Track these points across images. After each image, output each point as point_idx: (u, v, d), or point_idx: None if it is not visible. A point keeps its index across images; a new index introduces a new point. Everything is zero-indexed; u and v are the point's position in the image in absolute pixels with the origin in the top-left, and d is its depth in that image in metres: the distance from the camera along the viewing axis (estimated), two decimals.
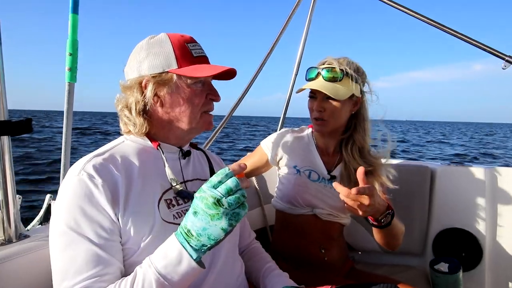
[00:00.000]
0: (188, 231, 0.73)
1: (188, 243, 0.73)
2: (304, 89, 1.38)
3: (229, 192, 0.71)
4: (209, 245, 0.73)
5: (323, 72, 1.34)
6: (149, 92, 0.90)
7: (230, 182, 0.71)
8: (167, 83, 0.91)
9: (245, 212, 0.73)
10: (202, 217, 0.71)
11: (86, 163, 0.82)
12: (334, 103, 1.33)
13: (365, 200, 1.06)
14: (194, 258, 0.74)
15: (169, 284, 0.73)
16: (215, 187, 0.71)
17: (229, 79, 1.03)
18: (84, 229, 0.77)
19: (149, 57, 0.91)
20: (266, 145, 1.56)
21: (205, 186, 0.72)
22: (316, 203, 1.42)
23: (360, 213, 1.10)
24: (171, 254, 0.74)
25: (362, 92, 1.40)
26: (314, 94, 1.37)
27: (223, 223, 0.71)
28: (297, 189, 1.43)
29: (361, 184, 1.08)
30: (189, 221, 0.73)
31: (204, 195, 0.71)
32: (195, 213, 0.72)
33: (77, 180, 0.79)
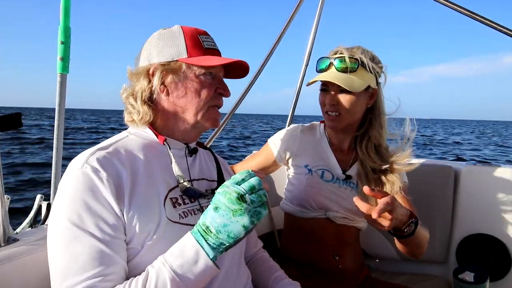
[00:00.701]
0: (207, 227, 0.75)
1: (206, 240, 0.75)
2: (315, 81, 1.35)
3: (252, 190, 0.75)
4: (227, 244, 0.76)
5: (336, 62, 1.30)
6: (156, 79, 0.93)
7: (254, 180, 0.76)
8: (175, 71, 0.94)
9: (265, 212, 0.77)
10: (224, 213, 0.74)
11: (89, 156, 0.83)
12: (349, 96, 1.30)
13: (387, 216, 1.05)
14: (211, 257, 0.76)
15: (184, 285, 0.75)
16: (238, 183, 0.75)
17: (241, 77, 1.05)
18: (88, 225, 0.77)
19: (159, 46, 0.95)
20: (273, 143, 1.53)
21: (228, 182, 0.76)
22: (330, 206, 1.39)
23: (383, 228, 1.08)
24: (187, 252, 0.76)
25: (378, 83, 1.36)
26: (326, 86, 1.34)
27: (245, 219, 0.73)
28: (309, 191, 1.41)
29: (379, 200, 1.04)
30: (208, 217, 0.76)
31: (227, 190, 0.74)
32: (216, 208, 0.75)
33: (81, 173, 0.80)
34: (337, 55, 1.32)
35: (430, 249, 1.71)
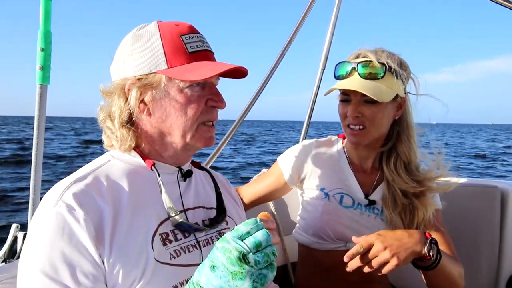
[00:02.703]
0: None
1: None
2: (335, 89, 1.32)
3: (258, 247, 0.69)
4: None
5: (359, 67, 1.28)
6: (132, 98, 0.89)
7: (260, 235, 0.70)
8: (154, 87, 0.89)
9: (273, 275, 0.71)
10: (222, 274, 0.69)
11: (64, 191, 0.81)
12: (375, 106, 1.27)
13: (381, 251, 1.08)
14: None
15: None
16: (241, 238, 0.70)
17: (240, 78, 0.99)
18: (62, 276, 0.75)
19: (133, 54, 0.90)
20: (283, 162, 1.50)
21: (229, 236, 0.71)
22: (350, 236, 1.33)
23: (392, 266, 1.08)
24: None
25: (405, 92, 1.34)
26: (347, 96, 1.31)
27: (246, 284, 0.68)
28: (326, 219, 1.37)
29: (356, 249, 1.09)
30: (203, 276, 0.71)
31: (227, 247, 0.69)
32: (212, 267, 0.70)
33: (54, 213, 0.78)
34: (360, 59, 1.29)
35: (475, 285, 1.66)
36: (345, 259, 1.08)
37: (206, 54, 0.92)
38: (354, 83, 1.26)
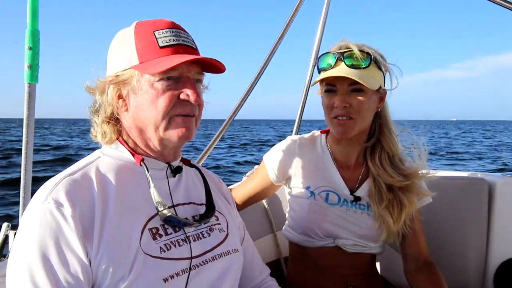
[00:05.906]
0: None
1: None
2: (321, 79, 1.30)
3: None
4: None
5: (345, 57, 1.27)
6: (109, 94, 0.92)
7: None
8: (128, 83, 0.91)
9: None
10: None
11: (54, 187, 0.82)
12: (361, 96, 1.27)
13: None
14: None
15: None
16: None
17: (219, 72, 0.99)
18: (49, 276, 0.76)
19: (112, 54, 0.94)
20: (269, 162, 1.48)
21: None
22: (338, 233, 1.36)
23: None
24: None
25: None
26: (333, 86, 1.30)
27: None
28: (313, 217, 1.37)
29: None
30: None
31: None
32: None
33: (42, 211, 0.79)
34: (345, 50, 1.29)
35: (463, 276, 1.68)
36: None
37: (180, 48, 0.91)
38: (343, 71, 1.26)
